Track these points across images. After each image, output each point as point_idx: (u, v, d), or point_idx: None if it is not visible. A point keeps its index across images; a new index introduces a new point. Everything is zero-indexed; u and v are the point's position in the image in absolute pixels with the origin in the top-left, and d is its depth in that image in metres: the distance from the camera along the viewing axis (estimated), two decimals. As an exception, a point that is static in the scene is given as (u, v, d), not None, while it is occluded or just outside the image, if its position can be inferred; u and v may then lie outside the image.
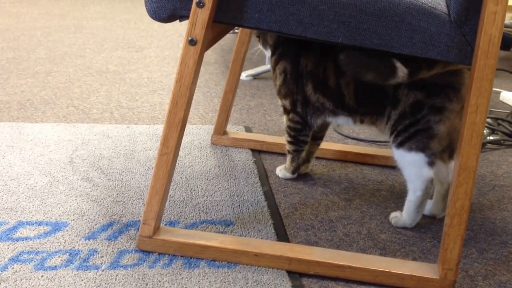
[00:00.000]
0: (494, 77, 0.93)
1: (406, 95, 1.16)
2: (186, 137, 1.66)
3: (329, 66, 1.24)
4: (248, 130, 1.75)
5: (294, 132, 1.36)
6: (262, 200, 1.32)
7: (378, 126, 1.24)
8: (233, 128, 1.74)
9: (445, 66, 1.11)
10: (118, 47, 2.75)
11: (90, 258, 1.06)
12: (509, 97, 2.24)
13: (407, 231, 1.24)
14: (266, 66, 2.38)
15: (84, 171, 1.41)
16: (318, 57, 1.25)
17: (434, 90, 1.14)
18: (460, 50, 0.98)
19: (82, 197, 1.28)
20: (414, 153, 1.17)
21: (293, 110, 1.34)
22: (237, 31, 2.61)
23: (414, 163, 1.18)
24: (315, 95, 1.28)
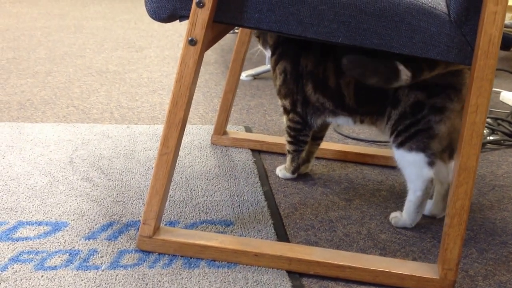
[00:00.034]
0: (494, 77, 0.93)
1: (406, 95, 1.16)
2: (186, 137, 1.66)
3: (329, 66, 1.24)
4: (248, 130, 1.75)
5: (294, 132, 1.36)
6: (262, 200, 1.32)
7: (378, 126, 1.24)
8: (233, 128, 1.74)
9: (446, 66, 1.11)
10: (118, 47, 2.75)
11: (90, 258, 1.06)
12: (509, 97, 2.24)
13: (407, 231, 1.24)
14: (266, 66, 2.38)
15: (84, 171, 1.41)
16: (318, 57, 1.25)
17: (435, 90, 1.14)
18: (460, 50, 0.98)
19: (82, 197, 1.28)
20: (415, 153, 1.17)
21: (293, 110, 1.34)
22: (237, 31, 2.61)
23: (414, 163, 1.18)
24: (315, 95, 1.28)
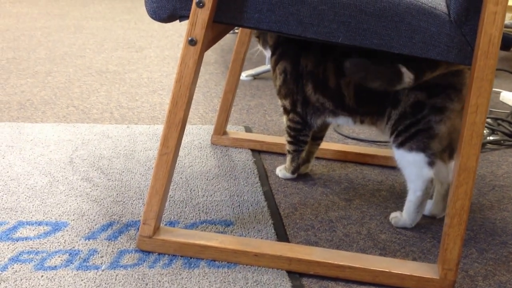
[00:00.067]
0: (494, 77, 0.93)
1: (406, 95, 1.16)
2: (186, 137, 1.66)
3: (329, 66, 1.24)
4: (248, 130, 1.75)
5: (294, 132, 1.36)
6: (262, 200, 1.32)
7: (378, 126, 1.24)
8: (233, 128, 1.74)
9: (447, 67, 1.11)
10: (118, 47, 2.75)
11: (90, 258, 1.06)
12: (509, 97, 2.24)
13: (407, 231, 1.24)
14: (266, 66, 2.38)
15: (84, 171, 1.41)
16: (318, 57, 1.25)
17: (435, 90, 1.14)
18: (460, 50, 0.98)
19: (82, 197, 1.28)
20: (415, 153, 1.17)
21: (293, 110, 1.34)
22: (237, 31, 2.61)
23: (414, 163, 1.18)
24: (315, 95, 1.28)
